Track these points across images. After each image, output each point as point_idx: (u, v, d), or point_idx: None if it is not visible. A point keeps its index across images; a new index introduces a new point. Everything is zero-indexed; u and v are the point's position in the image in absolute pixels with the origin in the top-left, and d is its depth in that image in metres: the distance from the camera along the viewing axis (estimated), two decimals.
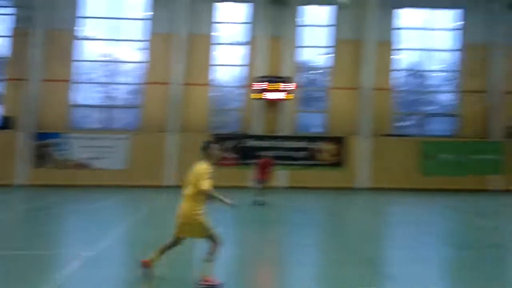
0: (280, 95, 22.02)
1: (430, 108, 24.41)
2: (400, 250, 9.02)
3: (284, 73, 22.60)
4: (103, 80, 23.74)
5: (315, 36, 23.91)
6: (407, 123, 24.73)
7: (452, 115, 23.74)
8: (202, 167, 6.18)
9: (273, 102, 22.53)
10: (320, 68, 24.48)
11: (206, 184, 6.05)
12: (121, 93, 23.84)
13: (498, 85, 22.82)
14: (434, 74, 24.71)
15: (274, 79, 22.11)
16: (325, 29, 23.80)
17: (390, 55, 23.59)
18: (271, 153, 17.00)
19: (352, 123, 23.05)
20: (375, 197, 18.91)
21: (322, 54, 24.09)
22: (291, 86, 22.15)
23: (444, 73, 24.53)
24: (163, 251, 6.41)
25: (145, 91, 23.01)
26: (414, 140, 22.67)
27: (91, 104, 23.34)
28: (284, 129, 22.63)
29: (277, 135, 22.58)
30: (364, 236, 10.44)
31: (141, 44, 23.37)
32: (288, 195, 18.64)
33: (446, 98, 24.50)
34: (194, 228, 6.20)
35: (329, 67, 23.74)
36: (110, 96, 23.69)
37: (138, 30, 23.43)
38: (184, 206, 6.23)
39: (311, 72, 25.11)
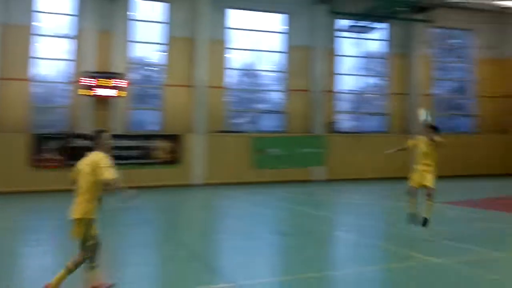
0: (112, 92, 21.04)
1: (262, 106, 25.71)
2: (229, 242, 9.22)
3: (116, 69, 21.66)
4: None
5: (148, 32, 23.39)
6: (241, 120, 25.70)
7: (281, 112, 25.31)
8: (99, 156, 5.43)
9: (103, 99, 21.42)
10: (155, 65, 24.07)
11: (109, 174, 5.32)
12: None
13: (318, 84, 24.94)
14: (265, 73, 26.07)
15: (105, 75, 21.04)
16: (159, 25, 23.44)
17: (223, 54, 24.19)
18: None
19: (187, 120, 23.10)
20: (210, 193, 19.22)
21: (156, 51, 23.68)
22: (124, 82, 21.32)
23: (273, 73, 26.03)
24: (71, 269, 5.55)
25: None
26: (247, 136, 23.60)
27: None
28: (117, 128, 21.68)
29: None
30: (196, 231, 10.50)
31: None
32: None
33: (276, 96, 26.02)
34: (80, 229, 5.51)
35: (164, 64, 23.45)
36: None
37: None
38: (76, 204, 5.47)
39: (145, 68, 24.55)
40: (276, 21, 25.49)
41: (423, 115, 8.52)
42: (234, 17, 24.59)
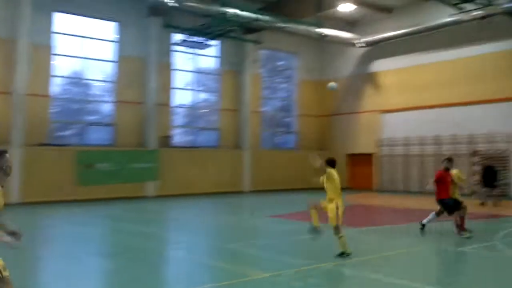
0: None
1: (90, 118, 24.33)
2: (45, 266, 8.42)
3: None
4: None
5: None
6: (67, 132, 23.96)
7: (111, 125, 24.25)
8: None
9: None
10: None
11: None
12: None
13: (152, 97, 24.58)
14: (95, 83, 24.78)
15: None
16: None
17: (48, 60, 22.34)
18: None
19: (3, 131, 20.69)
20: (26, 212, 17.34)
21: None
22: None
23: (104, 83, 24.89)
24: None
25: None
26: (71, 150, 22.01)
27: None
28: None
29: None
30: (7, 256, 9.33)
31: None
32: None
33: (106, 108, 24.89)
34: None
35: None
36: None
37: None
38: None
39: None
40: (107, 29, 24.47)
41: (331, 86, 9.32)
42: (62, 21, 22.93)
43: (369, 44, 27.91)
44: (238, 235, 11.90)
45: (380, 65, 28.26)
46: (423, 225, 11.77)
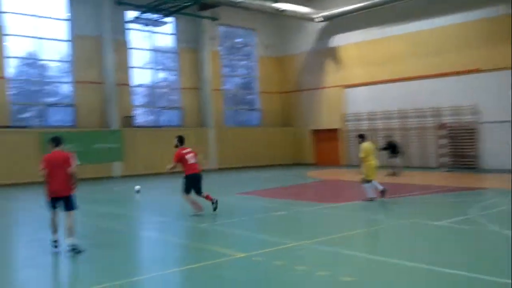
0: None
1: (50, 99, 23.76)
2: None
3: None
4: None
5: None
6: (27, 114, 23.36)
7: (71, 106, 23.78)
8: None
9: None
10: None
11: None
12: None
13: (111, 77, 24.19)
14: (51, 64, 24.11)
15: None
16: None
17: (0, 41, 21.54)
18: None
19: None
20: None
21: None
22: None
23: (60, 64, 24.25)
24: None
25: None
26: (34, 132, 21.60)
27: None
28: None
29: None
30: None
31: None
32: None
33: (65, 89, 24.34)
34: None
35: None
36: None
37: None
38: None
39: None
40: (59, 7, 23.69)
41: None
42: (11, 0, 22.06)
43: (327, 18, 27.91)
44: (207, 214, 12.08)
45: (340, 40, 28.29)
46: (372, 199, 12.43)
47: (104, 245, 8.81)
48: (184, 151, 11.31)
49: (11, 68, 22.41)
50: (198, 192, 11.33)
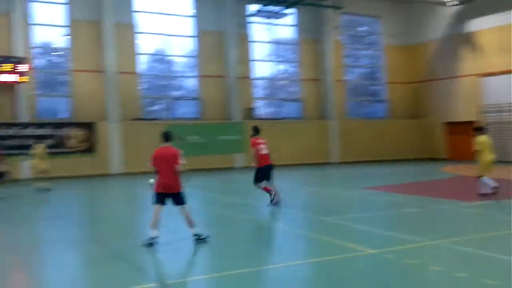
0: (13, 77, 19.24)
1: (177, 93, 24.92)
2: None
3: (17, 53, 19.83)
4: None
5: (51, 14, 21.66)
6: (156, 107, 24.77)
7: (196, 99, 24.67)
8: None
9: (5, 85, 19.60)
10: (60, 50, 22.40)
11: None
12: None
13: (233, 71, 24.60)
14: (177, 59, 25.23)
15: (5, 59, 19.20)
16: (62, 8, 21.75)
17: (133, 39, 23.03)
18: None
19: (100, 107, 21.84)
20: (129, 183, 18.30)
21: (61, 35, 22.05)
22: (26, 67, 19.59)
23: (186, 59, 25.29)
24: None
25: None
26: (163, 124, 22.67)
27: None
28: (23, 115, 19.99)
29: (14, 122, 19.82)
30: (115, 227, 9.74)
31: None
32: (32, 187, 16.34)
33: (190, 82, 25.35)
34: None
35: (69, 49, 21.90)
36: None
37: None
38: None
39: (51, 53, 22.82)
40: (185, 4, 24.60)
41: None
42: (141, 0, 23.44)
43: (462, 1, 25.59)
44: (334, 207, 11.53)
45: (477, 24, 25.67)
46: None
47: (230, 233, 8.74)
48: (258, 141, 11.29)
49: (142, 64, 23.85)
50: (268, 180, 11.30)
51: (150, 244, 7.37)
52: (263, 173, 11.19)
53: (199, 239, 7.53)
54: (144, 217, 9.37)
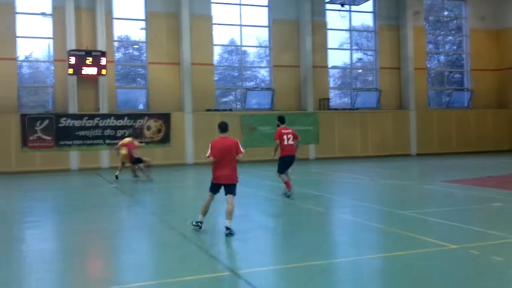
0: (95, 71, 20.13)
1: (249, 84, 24.90)
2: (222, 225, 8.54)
3: (99, 47, 20.71)
4: None
5: (130, 8, 22.40)
6: (228, 98, 24.95)
7: (269, 89, 24.49)
8: None
9: (89, 78, 20.60)
10: (139, 42, 23.16)
11: None
12: None
13: (308, 60, 24.09)
14: (251, 49, 25.17)
15: (88, 53, 20.10)
16: (140, 1, 22.40)
17: (208, 30, 23.24)
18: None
19: (175, 98, 22.36)
20: (202, 172, 18.49)
21: (140, 28, 22.76)
22: (107, 60, 20.44)
23: (260, 49, 25.16)
24: None
25: None
26: (235, 114, 22.84)
27: None
28: (104, 107, 20.91)
29: (96, 113, 20.79)
30: (189, 214, 9.77)
31: None
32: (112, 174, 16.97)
33: (263, 73, 25.22)
34: None
35: (146, 42, 22.54)
36: None
37: None
38: None
39: (129, 46, 23.66)
40: None
41: None
42: None
43: None
44: (411, 201, 10.91)
45: None
46: None
47: (301, 225, 8.50)
48: (284, 131, 11.16)
49: (216, 55, 24.05)
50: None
51: (195, 226, 7.62)
52: (286, 163, 11.20)
53: (229, 234, 7.37)
54: (218, 206, 9.32)
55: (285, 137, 11.13)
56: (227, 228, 7.39)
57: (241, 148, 7.64)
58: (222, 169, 7.56)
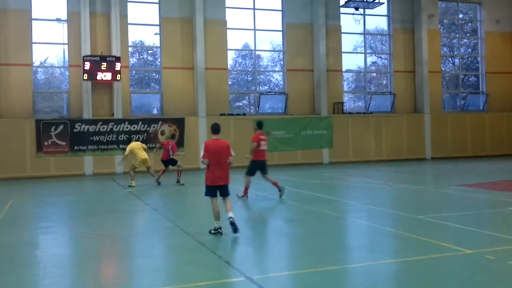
0: (110, 76, 20.30)
1: (262, 88, 24.91)
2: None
3: (114, 52, 20.89)
4: None
5: (145, 14, 22.59)
6: (242, 102, 24.98)
7: (283, 94, 24.47)
8: None
9: (103, 83, 20.77)
10: (153, 47, 23.32)
11: None
12: None
13: (321, 63, 24.02)
14: (264, 54, 25.20)
15: (103, 58, 20.28)
16: (155, 7, 22.57)
17: (222, 35, 23.30)
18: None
19: (189, 103, 22.44)
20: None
21: (154, 34, 22.92)
22: (122, 66, 20.59)
23: (273, 53, 25.17)
24: None
25: None
26: (249, 119, 22.78)
27: None
28: (118, 112, 21.06)
29: (111, 118, 20.95)
30: (199, 219, 9.79)
31: None
32: (139, 179, 17.07)
33: (277, 77, 25.21)
34: None
35: (161, 47, 22.68)
36: None
37: None
38: None
39: (144, 51, 23.83)
40: None
41: None
42: None
43: None
44: (426, 205, 10.79)
45: None
46: None
47: (316, 229, 8.43)
48: (261, 137, 11.59)
49: (230, 59, 24.10)
50: (265, 173, 11.77)
51: (215, 233, 7.65)
52: (257, 167, 11.62)
53: (233, 224, 7.52)
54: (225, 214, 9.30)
55: (262, 142, 11.54)
56: (231, 218, 7.54)
57: (232, 152, 7.94)
58: (216, 171, 7.75)
